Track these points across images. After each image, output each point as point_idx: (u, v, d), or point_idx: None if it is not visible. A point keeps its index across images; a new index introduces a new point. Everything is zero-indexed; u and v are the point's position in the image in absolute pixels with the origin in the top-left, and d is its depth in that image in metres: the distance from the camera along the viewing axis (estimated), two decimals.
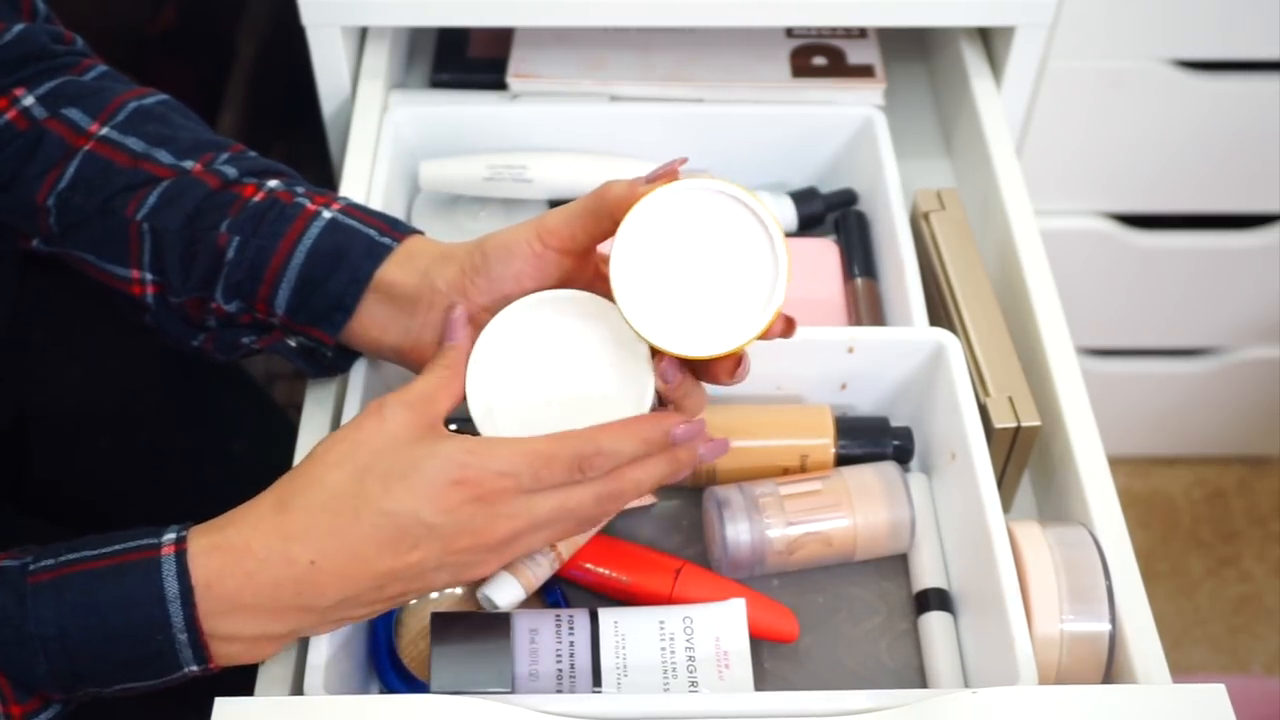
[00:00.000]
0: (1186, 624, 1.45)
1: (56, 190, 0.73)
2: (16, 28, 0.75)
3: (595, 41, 1.02)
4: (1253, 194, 1.22)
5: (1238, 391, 1.41)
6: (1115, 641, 0.70)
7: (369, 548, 0.60)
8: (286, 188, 0.73)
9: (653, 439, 0.63)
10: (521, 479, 0.60)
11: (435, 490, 0.59)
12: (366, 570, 0.60)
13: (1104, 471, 0.77)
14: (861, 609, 0.76)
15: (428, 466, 0.59)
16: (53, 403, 0.89)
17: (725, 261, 0.62)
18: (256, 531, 0.60)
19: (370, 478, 0.59)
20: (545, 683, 0.68)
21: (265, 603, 0.60)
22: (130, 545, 0.60)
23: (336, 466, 0.60)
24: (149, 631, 0.59)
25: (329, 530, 0.59)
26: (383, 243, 0.71)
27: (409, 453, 0.60)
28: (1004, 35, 1.00)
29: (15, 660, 0.59)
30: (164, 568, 0.59)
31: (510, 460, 0.60)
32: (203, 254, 0.71)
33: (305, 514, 0.60)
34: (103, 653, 0.60)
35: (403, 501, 0.59)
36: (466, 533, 0.60)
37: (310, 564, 0.60)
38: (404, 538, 0.60)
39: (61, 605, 0.59)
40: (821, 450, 0.78)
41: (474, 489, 0.59)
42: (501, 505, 0.60)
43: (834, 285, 0.90)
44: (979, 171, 0.98)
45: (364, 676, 0.72)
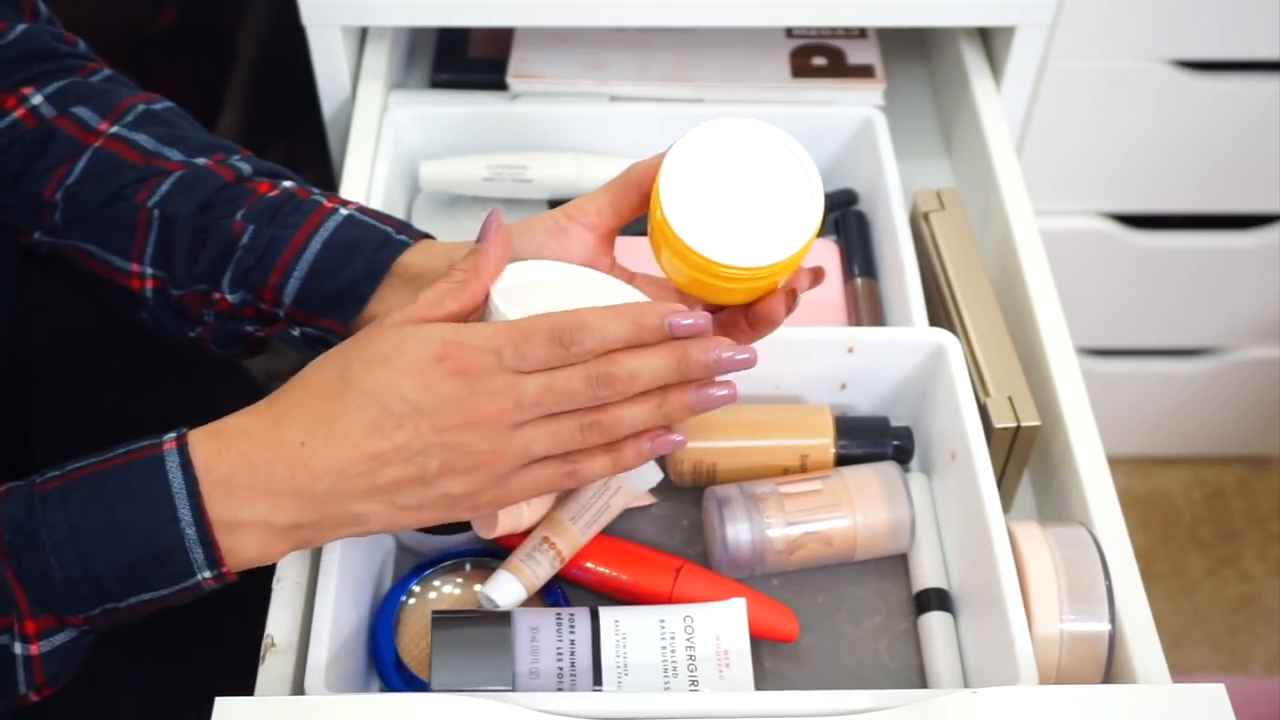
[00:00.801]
0: (1186, 624, 1.45)
1: (65, 185, 0.73)
2: (20, 27, 0.75)
3: (595, 41, 1.02)
4: (1253, 194, 1.22)
5: (1238, 391, 1.41)
6: (1115, 641, 0.70)
7: (355, 428, 0.60)
8: (302, 186, 0.74)
9: (645, 324, 0.61)
10: (503, 353, 0.60)
11: (417, 367, 0.60)
12: (354, 451, 0.60)
13: (1104, 471, 0.77)
14: (861, 609, 0.76)
15: (409, 346, 0.60)
16: (54, 401, 0.89)
17: (764, 187, 0.66)
18: (250, 417, 0.62)
19: (356, 364, 0.61)
20: (546, 681, 0.68)
21: (260, 483, 0.60)
22: (133, 446, 0.61)
23: (328, 360, 0.62)
24: (158, 526, 0.59)
25: (317, 414, 0.60)
26: (398, 239, 0.72)
27: (393, 336, 0.61)
28: (1004, 35, 1.00)
29: (29, 570, 0.59)
30: (168, 461, 0.60)
31: (492, 336, 0.60)
32: (214, 241, 0.72)
33: (294, 401, 0.61)
34: (115, 554, 0.59)
35: (384, 380, 0.60)
36: (451, 408, 0.60)
37: (300, 445, 0.60)
38: (388, 416, 0.60)
39: (70, 506, 0.59)
40: (821, 450, 0.79)
41: (455, 363, 0.59)
42: (485, 381, 0.60)
43: (834, 285, 0.90)
44: (979, 171, 0.98)
45: (364, 676, 0.72)
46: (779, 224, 0.65)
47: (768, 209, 0.65)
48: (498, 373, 0.60)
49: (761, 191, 0.66)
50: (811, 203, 0.66)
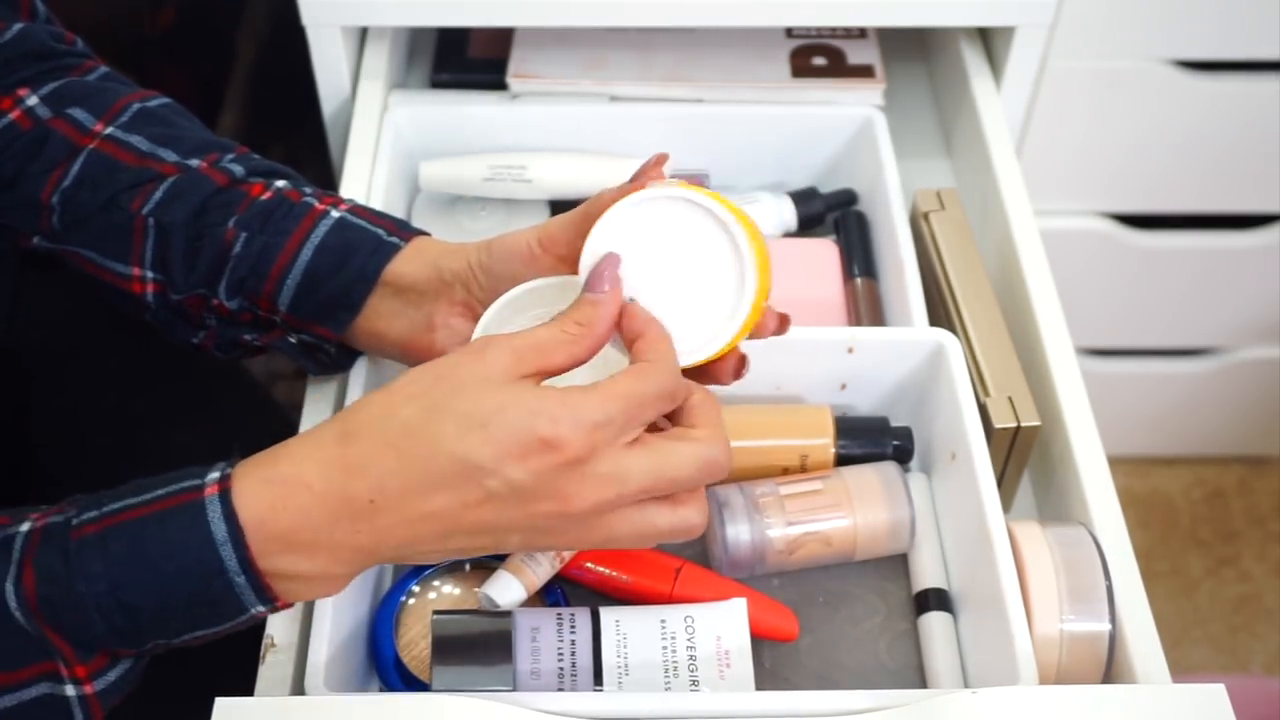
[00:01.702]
0: (1186, 624, 1.45)
1: (61, 188, 0.73)
2: (16, 26, 0.75)
3: (595, 41, 1.02)
4: (1253, 194, 1.22)
5: (1238, 391, 1.41)
6: (1115, 641, 0.70)
7: (435, 492, 0.55)
8: (294, 187, 0.74)
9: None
10: (615, 423, 0.55)
11: (520, 445, 0.53)
12: (430, 515, 0.55)
13: (1104, 471, 0.77)
14: (861, 609, 0.76)
15: (511, 418, 0.53)
16: (53, 401, 0.89)
17: (693, 268, 0.60)
18: (313, 461, 0.56)
19: (447, 417, 0.54)
20: (547, 681, 0.68)
21: (323, 540, 0.56)
22: (173, 489, 0.57)
23: (413, 400, 0.55)
24: (203, 577, 0.56)
25: (393, 469, 0.55)
26: (390, 241, 0.71)
27: (494, 396, 0.54)
28: (1004, 35, 1.00)
29: (70, 622, 0.56)
30: (209, 510, 0.56)
31: (604, 406, 0.54)
32: (208, 249, 0.71)
33: (369, 447, 0.55)
34: (160, 604, 0.56)
35: (479, 449, 0.54)
36: (551, 497, 0.55)
37: (369, 503, 0.55)
38: (475, 489, 0.55)
39: (109, 559, 0.56)
40: (821, 450, 0.79)
41: (563, 451, 0.54)
42: (592, 465, 0.55)
43: (834, 285, 0.90)
44: (979, 171, 0.98)
45: (364, 676, 0.72)
46: (709, 310, 0.60)
47: (697, 294, 0.60)
48: (606, 453, 0.55)
49: (689, 273, 0.60)
50: (740, 281, 0.60)
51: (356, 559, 0.57)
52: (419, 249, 0.71)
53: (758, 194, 0.96)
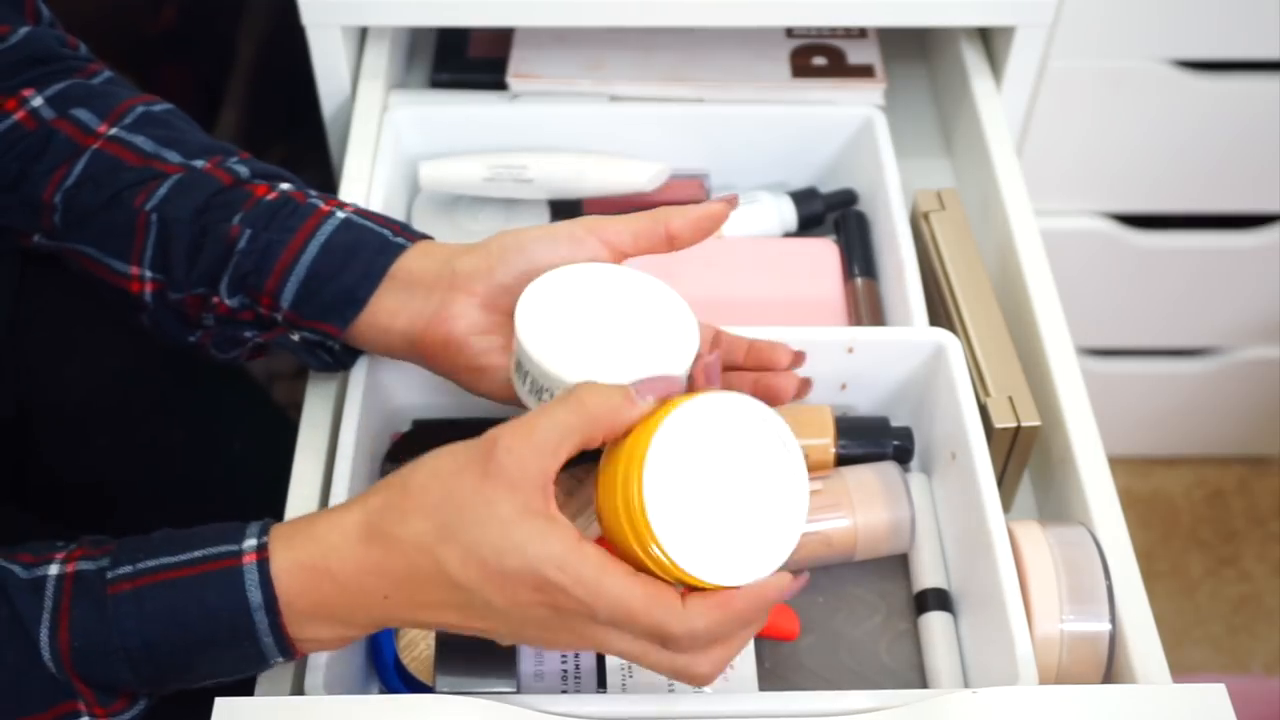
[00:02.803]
0: (1186, 624, 1.45)
1: (64, 187, 0.73)
2: (22, 30, 0.75)
3: (595, 41, 1.02)
4: (1253, 194, 1.22)
5: (1238, 391, 1.41)
6: (1115, 641, 0.70)
7: (437, 606, 0.59)
8: (299, 189, 0.74)
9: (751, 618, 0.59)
10: (598, 617, 0.57)
11: (511, 586, 0.57)
12: (434, 620, 0.60)
13: (1104, 471, 0.77)
14: (861, 609, 0.76)
15: (510, 561, 0.56)
16: (53, 400, 0.89)
17: (751, 481, 0.59)
18: (338, 556, 0.59)
19: (453, 546, 0.57)
20: (550, 683, 0.68)
21: (340, 618, 0.61)
22: (211, 553, 0.60)
23: (425, 515, 0.58)
24: (234, 639, 0.60)
25: (403, 576, 0.59)
26: (397, 242, 0.71)
27: (503, 534, 0.57)
28: (1004, 35, 1.00)
29: (100, 671, 0.60)
30: (246, 577, 0.59)
31: (594, 597, 0.56)
32: (211, 245, 0.71)
33: (385, 554, 0.59)
34: (188, 660, 0.60)
35: (476, 581, 0.57)
36: (532, 626, 0.59)
37: (384, 598, 0.59)
38: (472, 610, 0.59)
39: (144, 617, 0.59)
40: (821, 450, 0.78)
41: (550, 597, 0.57)
42: (573, 621, 0.58)
43: (834, 285, 0.90)
44: (979, 171, 0.98)
45: (364, 676, 0.72)
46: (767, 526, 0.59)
47: (755, 509, 0.59)
48: (588, 622, 0.58)
49: (747, 485, 0.59)
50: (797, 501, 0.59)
51: (372, 628, 0.63)
52: (427, 249, 0.71)
53: (758, 194, 0.96)
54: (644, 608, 0.57)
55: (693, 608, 0.57)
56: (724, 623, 0.58)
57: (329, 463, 0.76)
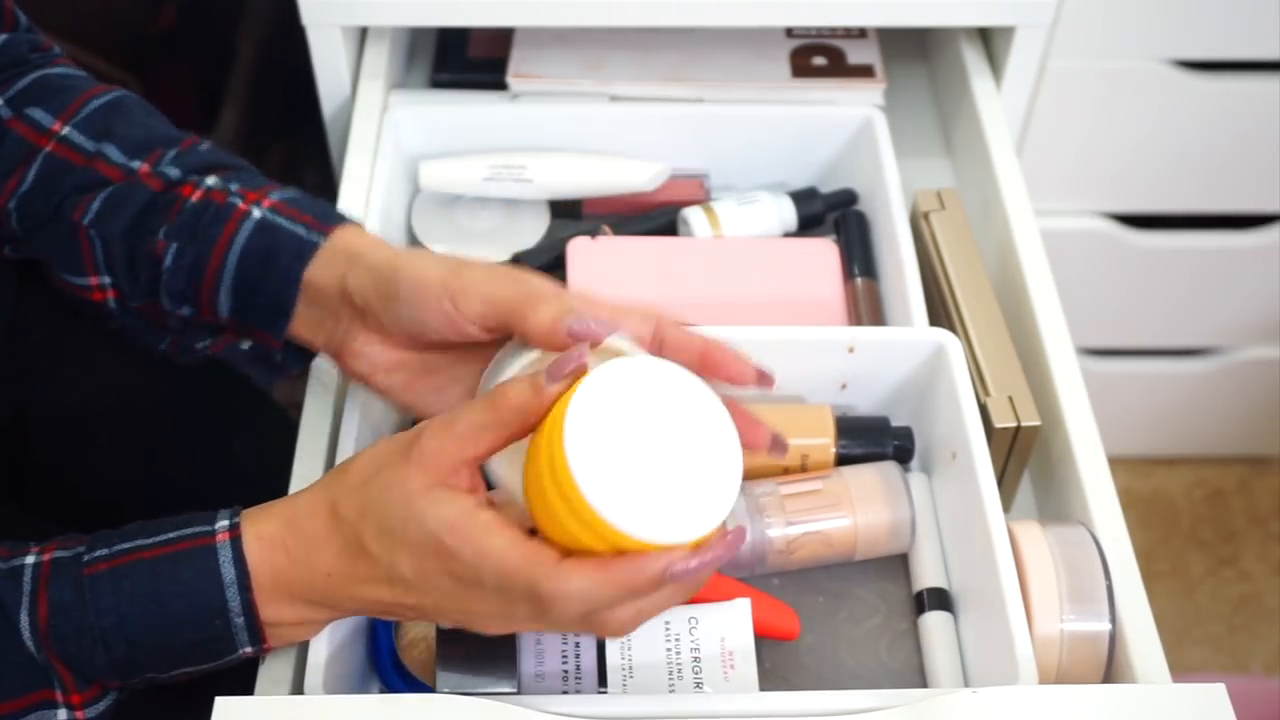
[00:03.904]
0: (1186, 624, 1.45)
1: (18, 193, 0.72)
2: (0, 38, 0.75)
3: (595, 41, 1.02)
4: (1253, 194, 1.22)
5: (1238, 391, 1.41)
6: (1115, 641, 0.70)
7: (369, 581, 0.61)
8: (222, 185, 0.71)
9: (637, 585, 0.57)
10: (485, 581, 0.58)
11: (416, 555, 0.59)
12: (373, 597, 0.61)
13: (1104, 471, 0.77)
14: (861, 609, 0.76)
15: (412, 530, 0.58)
16: (52, 401, 0.89)
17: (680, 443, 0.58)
18: (290, 532, 0.61)
19: (369, 523, 0.59)
20: (551, 683, 0.68)
21: (298, 595, 0.62)
22: (185, 533, 0.61)
23: (356, 494, 0.60)
24: (208, 616, 0.61)
25: (339, 552, 0.61)
26: (310, 240, 0.69)
27: (406, 506, 0.58)
28: (1004, 35, 1.00)
29: (77, 652, 0.60)
30: (220, 554, 0.61)
31: (480, 558, 0.57)
32: (143, 261, 0.71)
33: (326, 529, 0.61)
34: (162, 639, 0.61)
35: (389, 552, 0.59)
36: (442, 594, 0.59)
37: (327, 575, 0.61)
38: (394, 585, 0.60)
39: (120, 595, 0.60)
40: (822, 450, 0.78)
41: (448, 564, 0.58)
42: (472, 590, 0.59)
43: (834, 285, 0.90)
44: (979, 171, 0.98)
45: (364, 676, 0.72)
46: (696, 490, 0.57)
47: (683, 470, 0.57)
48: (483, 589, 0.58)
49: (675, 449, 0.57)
50: (730, 464, 0.58)
51: (328, 613, 0.64)
52: (333, 252, 0.68)
53: (758, 194, 0.96)
54: (516, 566, 0.57)
55: (565, 568, 0.56)
56: (600, 586, 0.56)
57: (329, 463, 0.76)
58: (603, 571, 0.56)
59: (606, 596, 0.57)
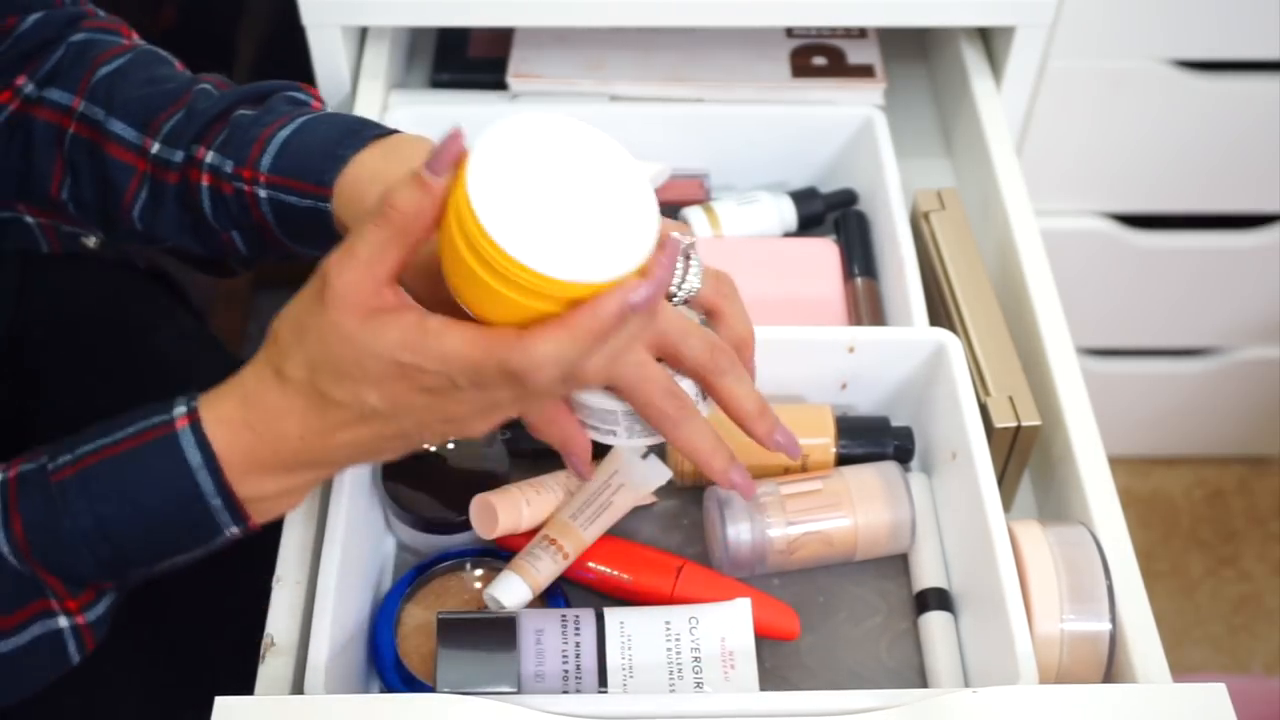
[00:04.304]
0: (1186, 624, 1.45)
1: (65, 184, 0.73)
2: (31, 18, 0.75)
3: (595, 41, 1.02)
4: (1253, 194, 1.22)
5: (1238, 391, 1.41)
6: (1115, 641, 0.70)
7: (340, 429, 0.60)
8: (219, 168, 0.71)
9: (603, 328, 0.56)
10: (458, 381, 0.57)
11: (383, 386, 0.58)
12: (352, 439, 0.61)
13: (1104, 471, 0.77)
14: (861, 609, 0.76)
15: (368, 363, 0.58)
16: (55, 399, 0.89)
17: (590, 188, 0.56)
18: (248, 408, 0.61)
19: (323, 372, 0.59)
20: (551, 683, 0.68)
21: (272, 464, 0.61)
22: (144, 425, 0.61)
23: (294, 354, 0.60)
24: (182, 502, 0.61)
25: (304, 413, 0.60)
26: (324, 209, 0.69)
27: (352, 345, 0.58)
28: (1004, 35, 1.00)
29: (59, 559, 0.60)
30: (182, 440, 0.60)
31: (443, 362, 0.57)
32: (219, 250, 0.73)
33: (280, 396, 0.60)
34: (142, 532, 0.61)
35: (353, 392, 0.59)
36: (426, 414, 0.59)
37: (299, 438, 0.61)
38: (372, 420, 0.60)
39: (91, 496, 0.60)
40: (822, 450, 0.79)
41: (416, 380, 0.58)
42: (448, 395, 0.59)
43: (834, 285, 0.90)
44: (979, 171, 0.98)
45: (364, 676, 0.72)
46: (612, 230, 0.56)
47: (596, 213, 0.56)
48: (458, 390, 0.58)
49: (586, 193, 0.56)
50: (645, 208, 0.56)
51: (311, 472, 0.63)
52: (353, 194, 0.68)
53: (758, 194, 0.96)
54: (483, 353, 0.56)
55: (529, 337, 0.56)
56: (568, 342, 0.56)
57: None
58: (565, 328, 0.56)
59: (577, 349, 0.56)
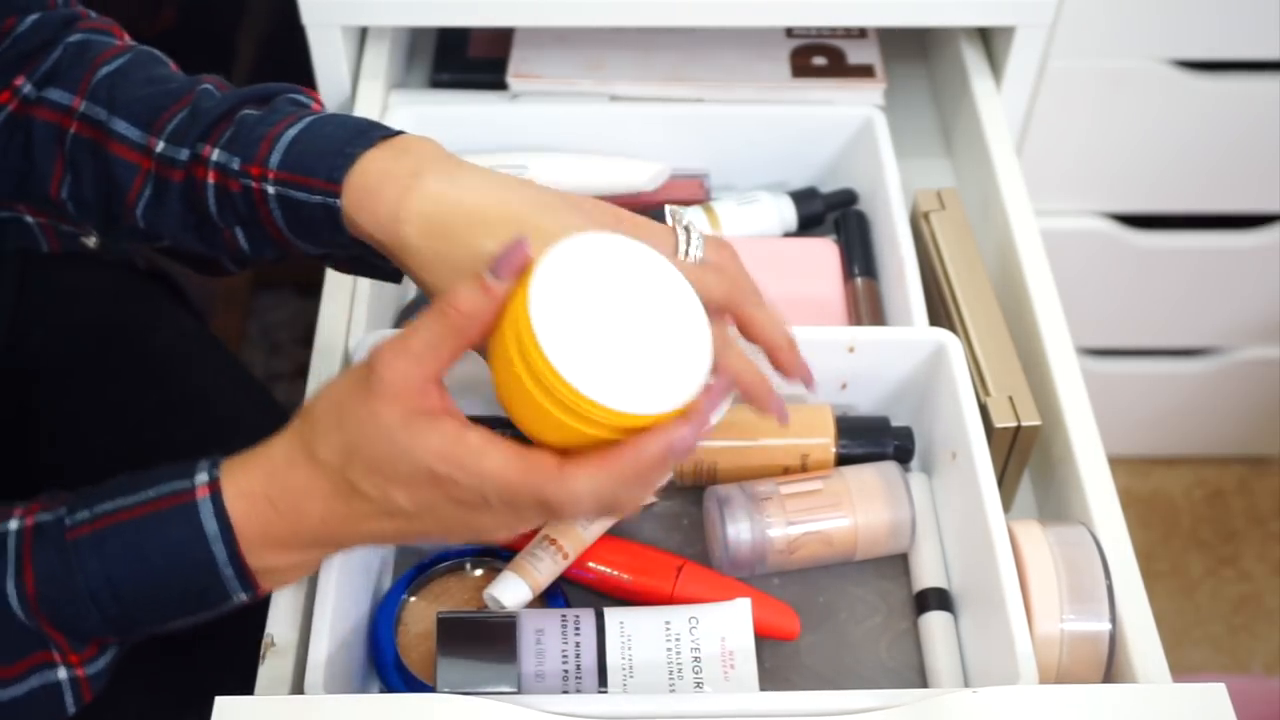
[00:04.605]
0: (1186, 624, 1.45)
1: (65, 183, 0.73)
2: (29, 19, 0.75)
3: (595, 41, 1.02)
4: (1253, 194, 1.22)
5: (1238, 391, 1.41)
6: (1115, 641, 0.70)
7: (363, 519, 0.61)
8: (225, 166, 0.69)
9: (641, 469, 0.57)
10: (489, 498, 0.59)
11: (413, 485, 0.59)
12: (372, 531, 0.62)
13: (1104, 471, 0.77)
14: (861, 609, 0.76)
15: (401, 465, 0.59)
16: (54, 401, 0.89)
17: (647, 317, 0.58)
18: (272, 484, 0.61)
19: (356, 464, 0.60)
20: (551, 683, 0.68)
21: (291, 540, 0.62)
22: (165, 490, 0.61)
23: (330, 439, 0.60)
24: (194, 571, 0.61)
25: (328, 495, 0.61)
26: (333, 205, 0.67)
27: (390, 442, 0.59)
28: (1004, 35, 1.00)
29: (68, 616, 0.60)
30: (201, 510, 0.60)
31: (479, 479, 0.58)
32: (220, 248, 0.72)
33: (309, 478, 0.61)
34: (152, 596, 0.61)
35: (383, 489, 0.60)
36: (451, 521, 0.61)
37: (321, 520, 0.61)
38: (396, 516, 0.61)
39: (105, 557, 0.60)
40: (822, 450, 0.79)
41: (446, 490, 0.59)
42: (477, 509, 0.60)
43: (834, 285, 0.90)
44: (979, 171, 0.98)
45: (364, 676, 0.72)
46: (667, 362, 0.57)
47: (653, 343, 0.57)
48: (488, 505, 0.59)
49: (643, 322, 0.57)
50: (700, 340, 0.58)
51: (323, 551, 0.65)
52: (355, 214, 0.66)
53: (758, 194, 0.96)
54: (521, 480, 0.57)
55: (568, 472, 0.57)
56: (606, 482, 0.57)
57: None
58: (606, 466, 0.57)
59: (615, 487, 0.57)
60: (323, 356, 0.82)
